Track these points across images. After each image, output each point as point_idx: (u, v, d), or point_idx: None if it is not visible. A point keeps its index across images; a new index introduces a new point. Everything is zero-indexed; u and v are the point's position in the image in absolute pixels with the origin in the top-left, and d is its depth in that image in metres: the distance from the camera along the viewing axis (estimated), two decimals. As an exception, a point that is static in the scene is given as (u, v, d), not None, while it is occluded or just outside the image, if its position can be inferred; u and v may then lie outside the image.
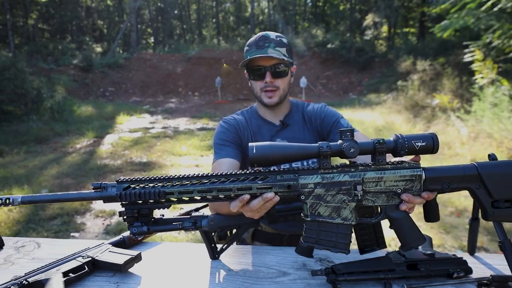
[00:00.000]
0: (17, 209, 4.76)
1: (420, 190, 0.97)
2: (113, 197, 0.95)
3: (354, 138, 0.95)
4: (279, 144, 0.96)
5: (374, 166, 0.97)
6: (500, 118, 6.69)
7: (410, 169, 0.96)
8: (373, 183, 0.96)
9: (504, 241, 0.98)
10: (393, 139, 0.96)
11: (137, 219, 0.96)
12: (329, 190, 0.96)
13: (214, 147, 1.53)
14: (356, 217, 0.97)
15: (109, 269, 1.09)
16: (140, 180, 0.96)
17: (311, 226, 0.97)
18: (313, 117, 1.61)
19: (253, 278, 1.07)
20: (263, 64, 1.49)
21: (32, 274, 0.99)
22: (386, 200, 0.98)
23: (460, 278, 1.03)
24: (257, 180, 0.95)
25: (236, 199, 0.95)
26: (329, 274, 1.02)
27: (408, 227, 0.99)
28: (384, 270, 1.03)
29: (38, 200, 0.98)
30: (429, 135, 0.94)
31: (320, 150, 0.94)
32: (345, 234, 0.96)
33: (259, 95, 1.55)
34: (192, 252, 1.24)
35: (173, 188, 0.94)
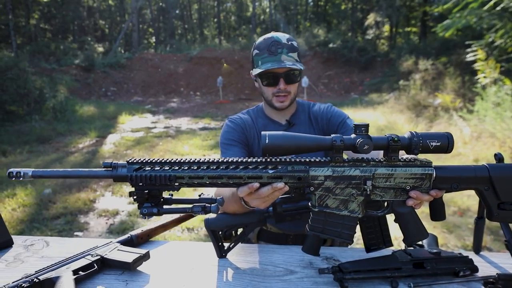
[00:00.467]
0: (20, 209, 4.78)
1: (429, 188, 0.97)
2: (123, 177, 0.96)
3: (368, 133, 0.95)
4: (292, 134, 0.96)
5: (386, 162, 0.97)
6: (502, 117, 6.68)
7: (421, 167, 0.97)
8: (383, 179, 0.97)
9: (510, 240, 0.99)
10: (407, 136, 0.95)
11: (147, 200, 0.97)
12: (339, 184, 0.97)
13: (221, 146, 1.53)
14: (363, 210, 0.98)
15: (118, 267, 1.10)
16: (151, 162, 0.96)
17: (318, 216, 0.99)
18: (319, 117, 1.62)
19: (261, 277, 1.08)
20: (277, 71, 1.47)
21: (43, 272, 1.00)
22: (394, 195, 0.99)
23: (466, 277, 1.04)
24: (267, 170, 0.95)
25: (245, 185, 0.95)
26: (336, 272, 1.02)
27: (413, 222, 1.00)
28: (391, 269, 1.04)
29: (48, 175, 0.99)
30: (444, 134, 0.94)
31: (333, 144, 0.94)
32: (350, 225, 0.98)
33: (270, 99, 1.54)
34: (199, 251, 1.25)
35: (183, 173, 0.95)
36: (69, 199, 5.04)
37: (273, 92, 1.52)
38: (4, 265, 1.15)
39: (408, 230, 1.01)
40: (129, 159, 0.97)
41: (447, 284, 1.03)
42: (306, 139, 0.95)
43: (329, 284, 1.04)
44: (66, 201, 4.98)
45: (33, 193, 5.25)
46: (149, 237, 1.31)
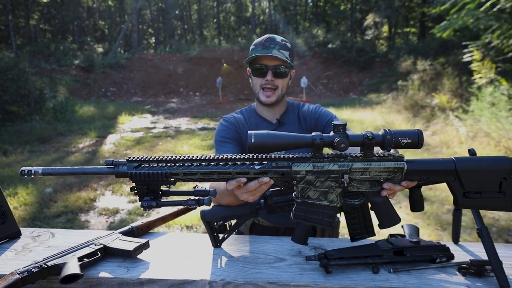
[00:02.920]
0: (22, 207, 4.86)
1: (401, 180, 1.07)
2: (124, 174, 1.06)
3: (346, 132, 1.03)
4: (276, 133, 1.05)
5: (362, 157, 1.06)
6: (498, 117, 6.77)
7: (394, 161, 1.06)
8: (359, 173, 1.06)
9: (481, 229, 1.07)
10: (381, 134, 1.04)
11: (147, 194, 1.07)
12: (319, 177, 1.06)
13: (215, 144, 1.62)
14: (341, 200, 1.08)
15: (119, 255, 1.18)
16: (148, 160, 1.06)
17: (300, 206, 1.09)
18: (307, 116, 1.71)
19: (252, 264, 1.16)
20: (266, 63, 1.59)
21: (50, 259, 1.08)
22: (370, 187, 1.08)
23: (442, 263, 1.12)
24: (254, 166, 1.05)
25: (234, 179, 1.05)
26: (321, 259, 1.11)
27: (386, 210, 1.10)
28: (373, 256, 1.12)
29: (57, 173, 1.09)
30: (415, 132, 1.03)
31: (313, 141, 1.03)
32: (330, 213, 1.08)
33: (257, 91, 1.64)
34: (195, 241, 1.33)
35: (178, 169, 1.04)
36: (70, 198, 5.11)
37: (261, 84, 1.62)
38: (14, 254, 1.23)
39: (382, 217, 1.11)
40: (128, 158, 1.07)
41: (424, 270, 1.11)
42: (289, 137, 1.04)
43: (315, 270, 1.12)
44: (67, 199, 5.05)
45: (34, 192, 5.33)
46: (149, 228, 1.39)
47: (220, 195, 1.28)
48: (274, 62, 1.59)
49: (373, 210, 1.12)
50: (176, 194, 1.09)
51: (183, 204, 1.06)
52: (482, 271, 1.07)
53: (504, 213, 4.51)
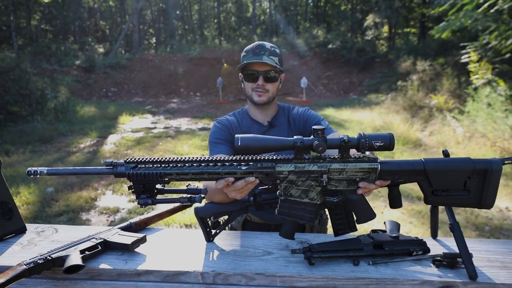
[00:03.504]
0: (24, 206, 4.95)
1: (375, 179, 1.17)
2: (122, 174, 1.16)
3: (324, 135, 1.13)
4: (261, 137, 1.15)
5: (339, 159, 1.16)
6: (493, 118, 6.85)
7: (368, 162, 1.16)
8: (337, 173, 1.16)
9: (453, 224, 1.16)
10: (357, 137, 1.13)
11: (143, 192, 1.17)
12: (300, 177, 1.17)
13: (209, 145, 1.72)
14: (321, 198, 1.18)
15: (118, 248, 1.27)
16: (144, 161, 1.16)
17: (284, 203, 1.19)
18: (297, 119, 1.81)
19: (242, 257, 1.25)
20: (257, 69, 1.70)
21: (54, 252, 1.17)
22: (347, 185, 1.18)
23: (418, 256, 1.21)
24: (241, 166, 1.15)
25: (223, 179, 1.15)
26: (306, 252, 1.19)
27: (363, 206, 1.20)
28: (354, 249, 1.21)
29: (60, 173, 1.19)
30: (387, 135, 1.12)
31: (295, 144, 1.13)
32: (311, 210, 1.18)
33: (250, 94, 1.75)
34: (190, 236, 1.42)
35: (171, 170, 1.15)
36: (71, 197, 5.20)
37: (253, 88, 1.73)
38: (20, 247, 1.32)
39: (359, 213, 1.21)
40: (126, 159, 1.17)
41: (401, 262, 1.20)
42: (272, 141, 1.15)
43: (300, 262, 1.20)
44: (68, 199, 5.14)
45: (36, 191, 5.42)
46: (146, 225, 1.48)
47: (212, 193, 1.38)
48: (265, 67, 1.69)
49: (351, 207, 1.22)
50: (170, 193, 1.19)
51: (176, 202, 1.15)
52: (454, 263, 1.15)
53: (497, 212, 4.60)
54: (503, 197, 5.03)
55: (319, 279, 1.13)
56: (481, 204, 1.16)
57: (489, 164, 1.14)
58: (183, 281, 1.16)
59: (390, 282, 1.11)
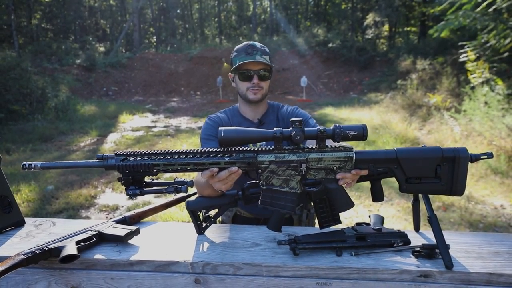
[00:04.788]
0: (25, 204, 5.01)
1: (351, 168, 1.23)
2: (112, 166, 1.20)
3: (302, 127, 1.20)
4: (242, 129, 1.22)
5: (317, 149, 1.22)
6: (490, 117, 6.89)
7: (344, 152, 1.22)
8: (315, 162, 1.22)
9: (431, 216, 1.21)
10: (332, 128, 1.20)
11: (132, 184, 1.22)
12: (281, 167, 1.22)
13: (201, 141, 1.78)
14: (301, 187, 1.24)
15: (113, 240, 1.32)
16: (134, 154, 1.21)
17: (266, 193, 1.25)
18: (285, 117, 1.87)
19: (231, 248, 1.30)
20: (252, 68, 1.76)
21: (51, 243, 1.23)
22: (325, 175, 1.24)
23: (399, 247, 1.27)
24: (224, 157, 1.20)
25: (208, 169, 1.20)
26: (291, 243, 1.25)
27: (341, 196, 1.26)
28: (337, 241, 1.26)
29: (54, 166, 1.24)
30: (360, 126, 1.18)
31: (274, 135, 1.19)
32: (292, 199, 1.24)
33: (244, 93, 1.81)
34: (181, 229, 1.47)
35: (159, 161, 1.19)
36: (71, 195, 5.26)
37: (248, 87, 1.79)
38: (19, 239, 1.38)
39: (337, 202, 1.27)
40: (116, 152, 1.22)
41: (382, 253, 1.25)
42: (253, 132, 1.22)
43: (285, 253, 1.26)
44: (68, 196, 5.21)
45: (37, 189, 5.48)
46: (140, 218, 1.53)
47: (201, 187, 1.44)
48: (258, 66, 1.76)
49: (329, 196, 1.27)
50: (159, 185, 1.24)
51: (163, 192, 1.21)
52: (432, 254, 1.21)
53: (492, 209, 4.65)
54: (498, 194, 5.08)
55: (302, 269, 1.18)
56: (452, 190, 1.22)
57: (456, 152, 1.20)
58: (173, 271, 1.21)
59: (371, 272, 1.17)
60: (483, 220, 4.35)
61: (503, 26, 8.49)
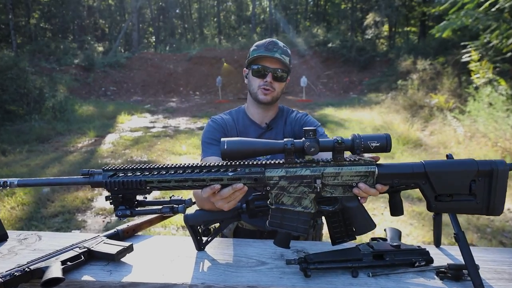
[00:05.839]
0: (19, 207, 4.88)
1: (373, 184, 1.08)
2: (99, 183, 1.07)
3: (316, 137, 1.05)
4: (248, 140, 1.07)
5: (333, 162, 1.08)
6: (495, 118, 6.77)
7: (365, 165, 1.08)
8: (332, 177, 1.08)
9: (458, 233, 1.08)
10: (351, 138, 1.05)
11: (122, 203, 1.08)
12: (292, 183, 1.08)
13: (202, 145, 1.64)
14: (315, 206, 1.09)
15: (103, 258, 1.20)
16: (124, 169, 1.07)
17: (275, 213, 1.10)
18: (293, 123, 1.74)
19: (234, 267, 1.18)
20: (267, 65, 1.62)
21: (34, 262, 1.10)
22: (343, 192, 1.10)
23: (421, 267, 1.14)
24: (228, 172, 1.06)
25: (208, 186, 1.05)
26: (301, 263, 1.12)
27: (361, 215, 1.11)
28: (352, 260, 1.14)
29: (32, 184, 1.09)
30: (383, 136, 1.04)
31: (285, 147, 1.05)
32: (304, 220, 1.09)
33: (255, 91, 1.66)
34: (179, 244, 1.35)
35: (153, 177, 1.05)
36: (67, 198, 5.13)
37: (259, 85, 1.64)
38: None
39: (357, 223, 1.12)
40: (104, 167, 1.08)
41: (403, 273, 1.12)
42: (261, 144, 1.07)
43: (295, 274, 1.13)
44: (64, 199, 5.07)
45: (32, 192, 5.34)
46: (135, 231, 1.40)
47: (201, 201, 1.30)
48: (275, 65, 1.62)
49: (348, 216, 1.13)
50: (152, 204, 1.11)
51: (157, 213, 1.08)
52: (460, 275, 1.08)
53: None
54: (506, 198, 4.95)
55: (315, 293, 1.06)
56: (489, 209, 1.08)
57: (494, 165, 1.06)
58: (170, 294, 1.09)
59: (391, 296, 1.04)
60: (491, 224, 4.23)
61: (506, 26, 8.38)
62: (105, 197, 1.09)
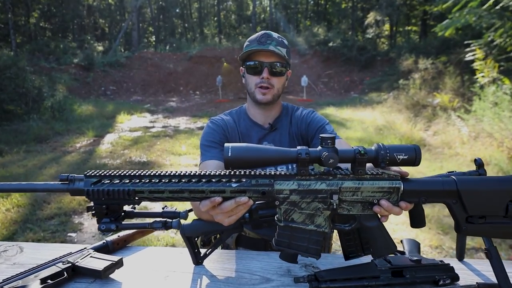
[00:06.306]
0: (15, 209, 4.76)
1: (397, 202, 0.95)
2: (80, 191, 0.91)
3: (335, 145, 0.92)
4: (256, 147, 0.92)
5: (353, 175, 0.95)
6: (500, 117, 6.64)
7: (389, 180, 0.94)
8: (350, 193, 0.94)
9: (489, 249, 0.96)
10: (374, 149, 0.92)
11: (106, 215, 0.93)
12: (305, 198, 0.94)
13: (201, 148, 1.51)
14: (329, 225, 0.96)
15: (89, 275, 1.07)
16: (110, 176, 0.92)
17: (283, 231, 0.96)
18: (299, 122, 1.60)
19: (235, 285, 1.05)
20: (262, 60, 1.49)
21: (9, 281, 0.98)
22: (362, 209, 0.96)
23: (446, 285, 1.01)
24: (231, 183, 0.92)
25: (208, 199, 0.91)
26: (311, 281, 1.00)
27: (381, 236, 0.98)
28: (368, 277, 1.01)
29: (6, 189, 0.96)
30: (412, 147, 0.91)
31: (298, 156, 0.90)
32: (317, 240, 0.95)
33: (253, 91, 1.53)
34: (175, 258, 1.22)
35: (143, 187, 0.90)
36: (64, 199, 5.01)
37: (256, 83, 1.51)
38: (-26, 272, 1.12)
39: (376, 245, 0.99)
40: (87, 172, 0.93)
41: (426, 294, 1.00)
42: (271, 152, 0.92)
43: (304, 293, 1.01)
44: (60, 201, 4.95)
45: (28, 193, 5.23)
46: (126, 242, 1.28)
47: (199, 210, 1.16)
48: (271, 58, 1.48)
49: (366, 236, 1.00)
50: (142, 216, 0.97)
51: (147, 227, 0.93)
52: (491, 296, 0.96)
53: None
54: None
55: (327, 316, 0.93)
56: None
57: None
58: (164, 317, 0.96)
59: (414, 320, 0.92)
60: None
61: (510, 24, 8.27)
62: (86, 207, 0.95)
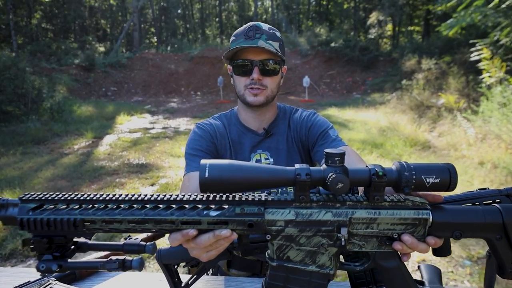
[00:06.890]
0: (7, 214, 4.61)
1: (423, 237, 0.74)
2: (11, 219, 0.70)
3: (344, 164, 0.71)
4: (242, 165, 0.71)
5: (367, 203, 0.74)
6: (508, 118, 6.46)
7: (414, 210, 0.74)
8: (363, 225, 0.74)
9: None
10: (396, 169, 0.72)
11: (48, 250, 0.71)
12: (304, 231, 0.73)
13: (186, 158, 1.32)
14: (336, 265, 0.75)
15: (47, 311, 0.91)
16: (52, 200, 0.72)
17: (277, 272, 0.75)
18: (298, 125, 1.42)
19: (221, 323, 0.88)
20: (251, 58, 1.29)
21: None
22: (378, 246, 0.75)
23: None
24: (209, 211, 0.71)
25: (179, 231, 0.71)
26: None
27: (401, 279, 0.77)
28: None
29: None
30: (445, 167, 0.72)
31: (297, 178, 0.69)
32: (319, 284, 0.75)
33: (242, 93, 1.34)
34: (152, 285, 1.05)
35: (95, 216, 0.70)
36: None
37: (246, 85, 1.32)
38: None
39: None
40: (23, 195, 0.73)
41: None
42: (261, 172, 0.70)
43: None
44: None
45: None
46: (99, 267, 1.11)
47: None
48: (261, 55, 1.28)
49: (382, 278, 0.79)
50: (98, 249, 0.78)
51: (98, 268, 0.73)
52: None
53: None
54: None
55: None
56: None
57: None
58: None
59: None
60: None
61: (517, 24, 8.10)
62: (22, 240, 0.73)
